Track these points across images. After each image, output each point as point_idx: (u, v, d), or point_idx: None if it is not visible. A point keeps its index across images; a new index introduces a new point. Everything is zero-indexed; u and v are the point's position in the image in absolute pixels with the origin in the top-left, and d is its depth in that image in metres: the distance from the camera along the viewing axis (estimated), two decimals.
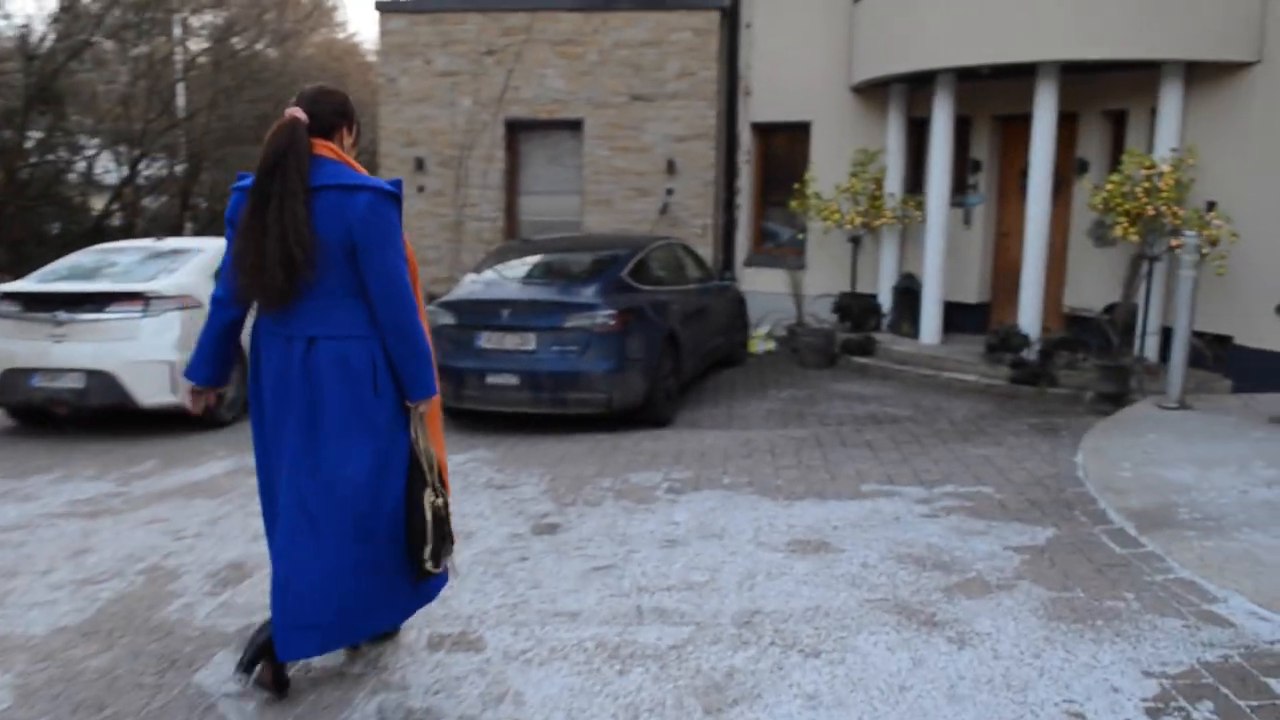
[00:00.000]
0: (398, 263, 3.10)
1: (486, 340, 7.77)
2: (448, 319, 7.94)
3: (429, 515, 3.17)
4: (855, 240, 11.59)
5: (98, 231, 17.16)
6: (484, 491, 5.86)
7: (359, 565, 3.11)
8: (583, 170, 13.11)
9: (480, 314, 7.87)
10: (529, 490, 5.83)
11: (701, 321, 9.53)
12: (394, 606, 3.29)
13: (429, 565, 3.20)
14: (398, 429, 3.16)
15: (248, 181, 3.13)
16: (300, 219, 2.98)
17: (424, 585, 3.32)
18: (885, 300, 11.50)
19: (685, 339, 8.82)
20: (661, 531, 4.89)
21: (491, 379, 7.68)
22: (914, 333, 10.87)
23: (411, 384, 3.14)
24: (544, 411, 7.76)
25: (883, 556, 4.39)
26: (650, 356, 7.91)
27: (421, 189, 13.57)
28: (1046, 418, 7.20)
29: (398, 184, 3.16)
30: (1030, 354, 9.51)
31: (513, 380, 7.63)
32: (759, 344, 11.80)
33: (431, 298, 10.61)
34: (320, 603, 3.08)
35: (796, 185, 11.92)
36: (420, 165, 13.56)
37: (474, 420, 8.06)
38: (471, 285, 8.51)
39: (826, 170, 11.87)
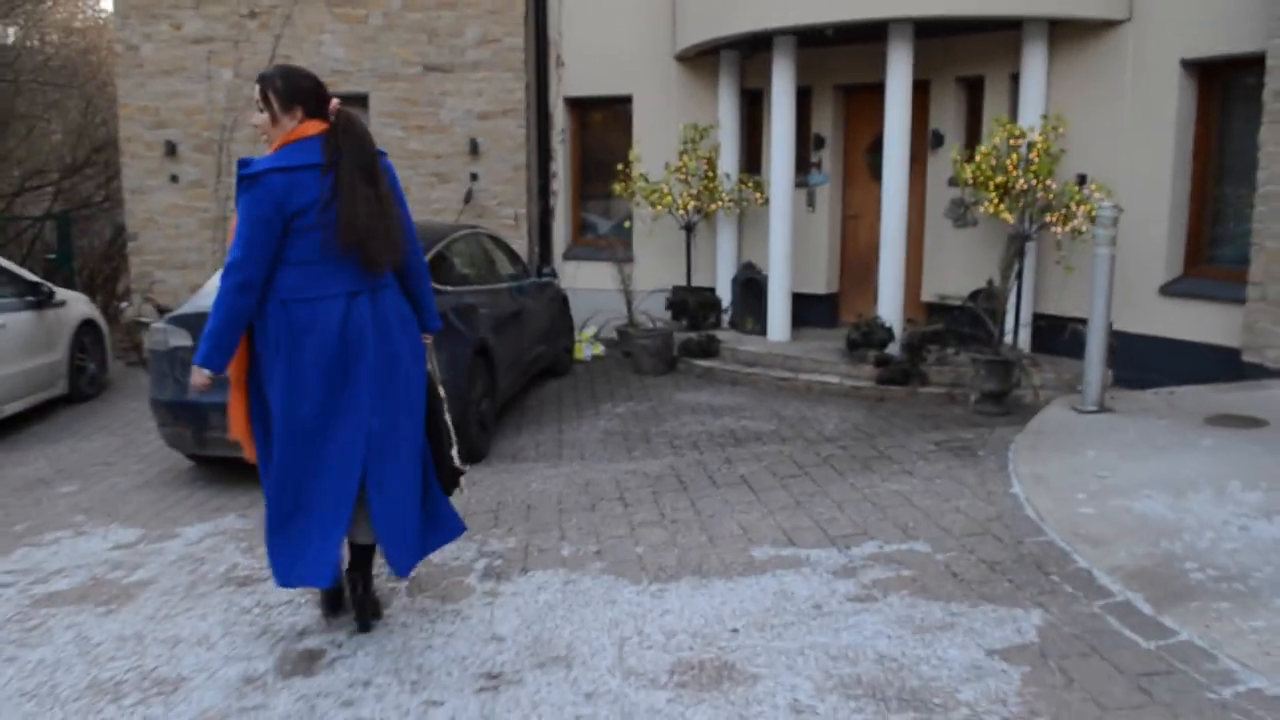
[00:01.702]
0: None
1: None
2: (184, 340, 5.97)
3: (449, 421, 3.70)
4: (689, 227, 10.22)
5: None
6: (218, 593, 4.02)
7: (430, 473, 3.53)
8: None
9: None
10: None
11: (519, 327, 7.90)
12: (451, 519, 3.64)
13: (457, 463, 3.67)
14: (424, 355, 3.60)
15: (301, 159, 3.19)
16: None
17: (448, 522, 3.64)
18: (725, 293, 10.20)
19: (500, 350, 7.16)
20: (478, 658, 3.22)
21: None
22: (760, 329, 9.60)
23: (431, 316, 3.63)
24: None
25: (819, 686, 2.88)
26: (456, 375, 6.20)
27: (175, 179, 11.37)
28: (950, 432, 5.92)
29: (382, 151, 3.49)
30: (895, 349, 8.39)
31: None
32: (585, 348, 10.26)
33: (163, 312, 8.53)
34: (414, 512, 3.40)
35: (620, 167, 10.45)
36: (172, 150, 11.31)
37: (226, 473, 6.13)
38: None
39: (653, 150, 10.44)
